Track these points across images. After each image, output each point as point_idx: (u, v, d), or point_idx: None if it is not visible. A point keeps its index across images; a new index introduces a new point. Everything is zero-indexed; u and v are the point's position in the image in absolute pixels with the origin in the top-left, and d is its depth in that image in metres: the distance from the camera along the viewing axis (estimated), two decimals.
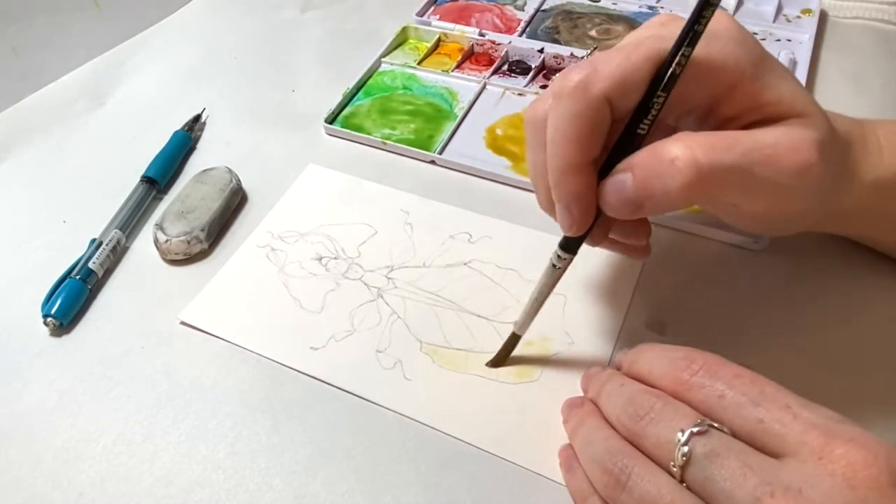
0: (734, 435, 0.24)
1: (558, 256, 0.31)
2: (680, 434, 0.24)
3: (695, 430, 0.24)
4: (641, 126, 0.27)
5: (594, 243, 0.32)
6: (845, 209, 0.32)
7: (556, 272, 0.31)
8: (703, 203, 0.29)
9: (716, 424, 0.24)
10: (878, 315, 0.35)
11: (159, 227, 0.41)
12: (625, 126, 0.28)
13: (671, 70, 0.26)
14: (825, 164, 0.26)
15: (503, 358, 0.34)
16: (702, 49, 0.26)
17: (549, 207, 0.31)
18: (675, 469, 0.24)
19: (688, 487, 0.23)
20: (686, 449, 0.23)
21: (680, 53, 0.26)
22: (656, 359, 0.28)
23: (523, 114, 0.48)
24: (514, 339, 0.34)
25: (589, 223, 0.29)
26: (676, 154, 0.26)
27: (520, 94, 0.50)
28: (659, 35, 0.27)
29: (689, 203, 0.27)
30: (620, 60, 0.27)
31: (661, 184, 0.26)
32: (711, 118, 0.29)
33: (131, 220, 0.43)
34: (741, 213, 0.28)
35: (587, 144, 0.27)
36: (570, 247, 0.31)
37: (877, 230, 0.35)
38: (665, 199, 0.26)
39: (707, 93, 0.28)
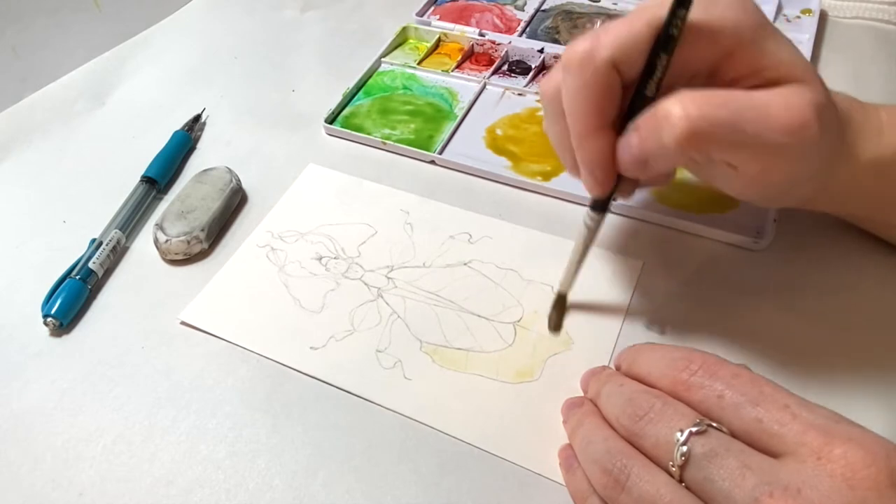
0: (733, 435, 0.24)
1: (589, 217, 0.33)
2: (679, 434, 0.24)
3: (694, 430, 0.24)
4: (648, 88, 0.29)
5: (626, 196, 0.33)
6: (842, 186, 0.32)
7: (588, 232, 0.33)
8: (701, 167, 0.30)
9: (715, 424, 0.24)
10: (880, 314, 0.35)
11: (159, 227, 0.41)
12: (634, 90, 0.29)
13: (668, 31, 0.27)
14: (821, 126, 0.27)
15: (559, 320, 0.36)
16: (702, 13, 0.27)
17: (575, 170, 0.33)
18: (674, 469, 0.24)
19: (687, 487, 0.24)
20: (685, 449, 0.23)
21: (675, 15, 0.27)
22: (655, 359, 0.28)
23: (523, 112, 0.49)
24: (561, 300, 0.35)
25: (612, 183, 0.31)
26: (670, 109, 0.27)
27: (520, 94, 0.50)
28: (661, 3, 0.28)
29: (688, 158, 0.28)
30: (622, 27, 0.28)
31: (657, 139, 0.27)
32: (714, 83, 0.29)
33: (131, 220, 0.43)
34: (738, 177, 0.29)
35: (601, 110, 0.29)
36: (598, 207, 0.32)
37: (875, 210, 0.35)
38: (663, 153, 0.27)
39: (708, 56, 0.29)
